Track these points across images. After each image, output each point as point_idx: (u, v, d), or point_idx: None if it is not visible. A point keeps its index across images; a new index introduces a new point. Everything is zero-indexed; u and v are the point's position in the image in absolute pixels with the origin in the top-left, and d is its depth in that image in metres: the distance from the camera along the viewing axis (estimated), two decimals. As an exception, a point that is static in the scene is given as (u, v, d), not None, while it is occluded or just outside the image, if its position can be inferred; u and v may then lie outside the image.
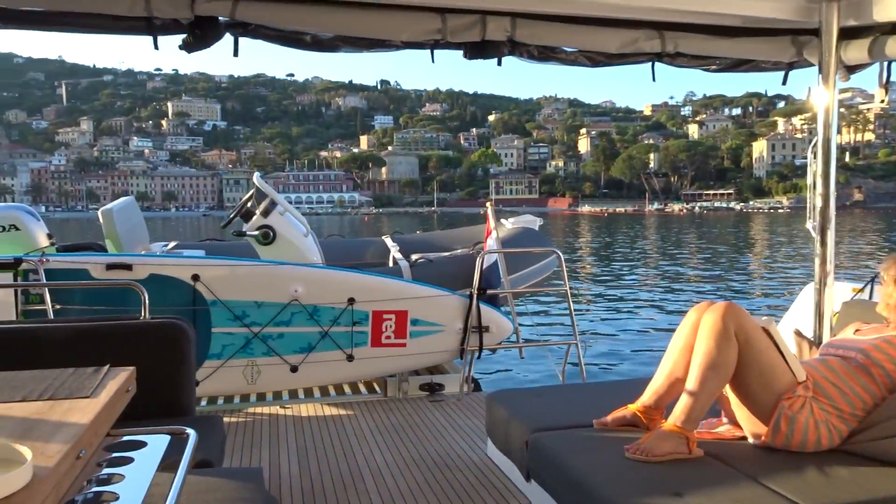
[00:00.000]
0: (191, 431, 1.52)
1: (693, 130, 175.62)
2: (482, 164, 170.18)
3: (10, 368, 1.72)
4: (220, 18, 2.82)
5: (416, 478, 3.14)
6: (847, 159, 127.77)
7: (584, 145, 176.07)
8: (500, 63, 3.33)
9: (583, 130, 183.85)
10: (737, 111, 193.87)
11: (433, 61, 3.31)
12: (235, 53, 2.96)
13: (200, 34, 2.80)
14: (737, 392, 2.30)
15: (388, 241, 6.35)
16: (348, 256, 5.83)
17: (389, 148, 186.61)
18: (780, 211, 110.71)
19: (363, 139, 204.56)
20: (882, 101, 4.43)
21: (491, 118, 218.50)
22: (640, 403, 2.49)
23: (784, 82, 3.77)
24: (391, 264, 5.66)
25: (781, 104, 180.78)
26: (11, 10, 2.56)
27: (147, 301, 2.60)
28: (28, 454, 1.11)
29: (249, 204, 5.06)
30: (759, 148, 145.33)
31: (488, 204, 5.52)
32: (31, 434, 1.26)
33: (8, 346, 2.33)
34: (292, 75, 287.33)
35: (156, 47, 2.84)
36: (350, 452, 3.49)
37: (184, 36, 2.81)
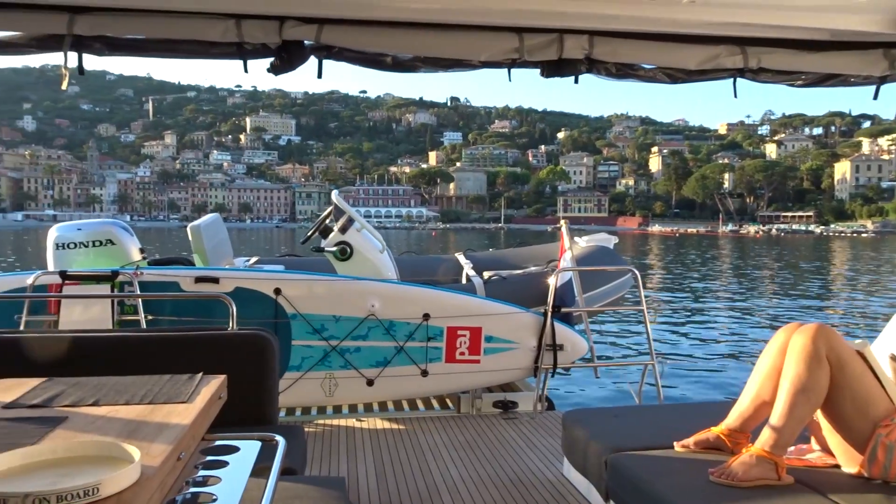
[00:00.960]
0: (280, 438, 1.57)
1: (771, 150, 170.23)
2: (550, 182, 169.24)
3: (109, 374, 1.82)
4: (305, 42, 2.91)
5: (493, 495, 3.13)
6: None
7: (655, 164, 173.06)
8: (576, 81, 3.32)
9: (654, 149, 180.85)
10: (818, 131, 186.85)
11: (510, 80, 3.33)
12: (319, 75, 3.05)
13: (287, 57, 2.90)
14: (829, 418, 2.21)
15: (461, 258, 6.37)
16: (421, 273, 5.88)
17: (458, 164, 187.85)
18: (863, 235, 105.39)
19: (432, 155, 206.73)
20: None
21: (560, 135, 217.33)
22: (724, 426, 2.41)
23: (875, 97, 3.60)
24: (464, 281, 5.68)
25: (867, 124, 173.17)
26: (118, 38, 2.73)
27: (234, 313, 2.69)
28: (136, 454, 1.17)
29: (328, 220, 5.18)
30: (842, 169, 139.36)
31: (563, 222, 5.49)
32: (136, 435, 1.32)
33: (106, 352, 2.46)
34: (365, 92, 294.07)
35: (245, 70, 2.96)
36: (426, 467, 3.51)
37: (272, 59, 2.92)
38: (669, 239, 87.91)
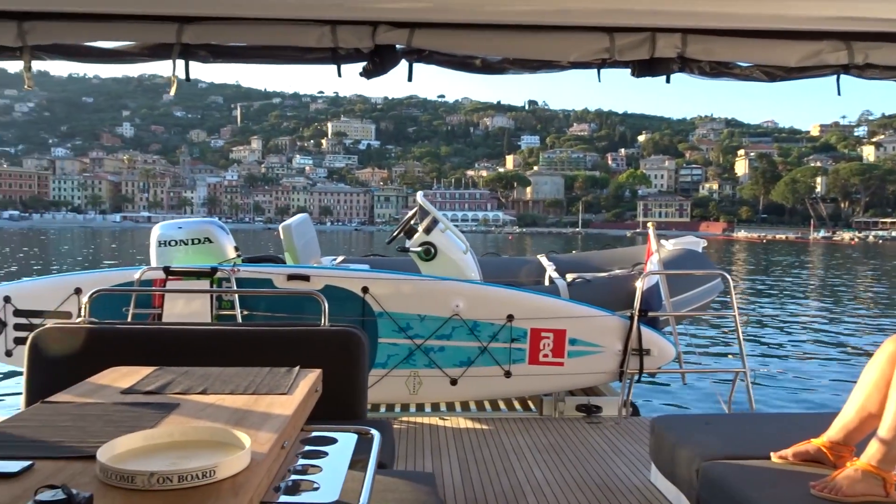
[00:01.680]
0: (375, 432, 1.60)
1: (868, 152, 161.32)
2: (630, 186, 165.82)
3: (210, 365, 1.91)
4: (397, 46, 2.97)
5: (579, 499, 3.11)
6: None
7: (741, 167, 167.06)
8: (668, 80, 3.24)
9: (741, 152, 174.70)
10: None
11: (599, 80, 3.28)
12: (409, 78, 3.10)
13: (379, 61, 2.96)
14: (943, 434, 2.08)
15: (544, 259, 6.35)
16: (504, 274, 5.89)
17: (535, 168, 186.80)
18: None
19: (509, 159, 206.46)
20: None
21: (641, 138, 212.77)
22: (825, 438, 2.32)
23: None
24: (547, 283, 5.65)
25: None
26: (222, 46, 2.87)
27: (327, 310, 2.77)
28: (247, 440, 1.23)
29: (413, 221, 5.28)
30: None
31: (650, 224, 5.39)
32: (243, 423, 1.39)
33: (207, 345, 2.58)
34: (443, 96, 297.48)
35: (339, 75, 3.04)
36: (510, 467, 3.52)
37: (364, 63, 2.99)
38: (756, 245, 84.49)
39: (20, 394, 2.47)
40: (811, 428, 2.42)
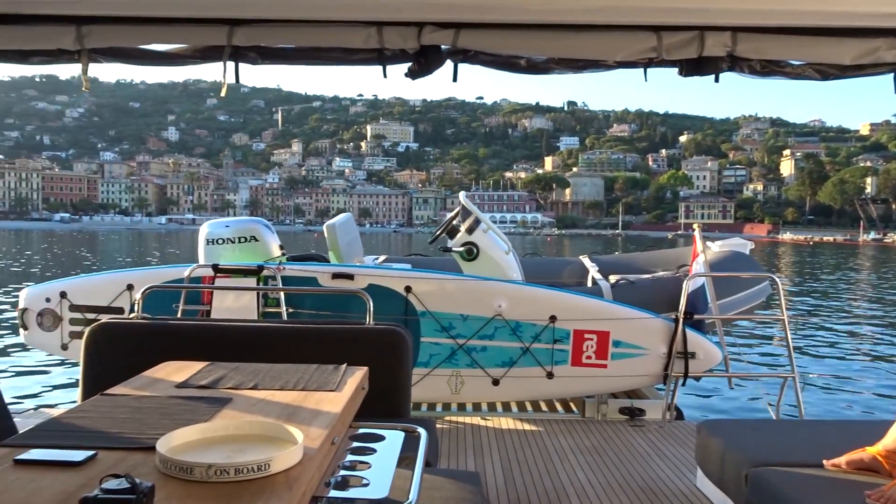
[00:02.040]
0: (422, 430, 1.61)
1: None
2: (671, 187, 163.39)
3: (258, 361, 1.94)
4: (442, 47, 2.98)
5: (623, 502, 3.10)
6: None
7: (787, 168, 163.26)
8: (717, 80, 3.19)
9: (786, 152, 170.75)
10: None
11: (646, 80, 3.24)
12: (455, 79, 3.10)
13: (425, 62, 2.97)
14: None
15: (587, 260, 6.31)
16: (546, 275, 5.87)
17: (574, 169, 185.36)
18: None
19: (548, 160, 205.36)
20: None
21: (682, 139, 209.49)
22: (881, 447, 2.25)
23: None
24: (590, 284, 5.61)
25: None
26: (270, 48, 2.91)
27: (371, 308, 2.79)
28: (300, 436, 1.25)
29: (455, 221, 5.30)
30: None
31: (696, 225, 5.30)
32: (294, 418, 1.41)
33: (254, 341, 2.62)
34: (481, 98, 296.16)
35: (384, 76, 3.06)
36: (553, 469, 3.52)
37: (409, 64, 3.00)
38: (803, 247, 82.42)
39: (76, 385, 2.55)
40: (865, 436, 2.37)
